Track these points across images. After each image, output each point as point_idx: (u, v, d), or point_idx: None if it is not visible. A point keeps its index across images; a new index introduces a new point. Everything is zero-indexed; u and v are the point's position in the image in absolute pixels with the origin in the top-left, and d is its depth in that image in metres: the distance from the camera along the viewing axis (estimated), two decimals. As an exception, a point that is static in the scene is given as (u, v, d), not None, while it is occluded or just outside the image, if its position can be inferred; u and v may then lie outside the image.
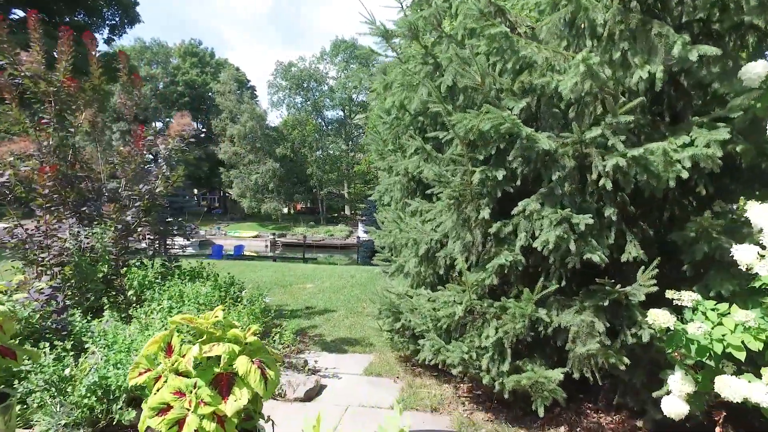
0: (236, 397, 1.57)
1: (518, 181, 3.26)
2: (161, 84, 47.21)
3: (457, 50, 3.41)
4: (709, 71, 2.76)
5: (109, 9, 21.90)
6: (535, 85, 3.21)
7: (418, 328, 3.72)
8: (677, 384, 2.46)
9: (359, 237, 28.65)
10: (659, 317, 2.43)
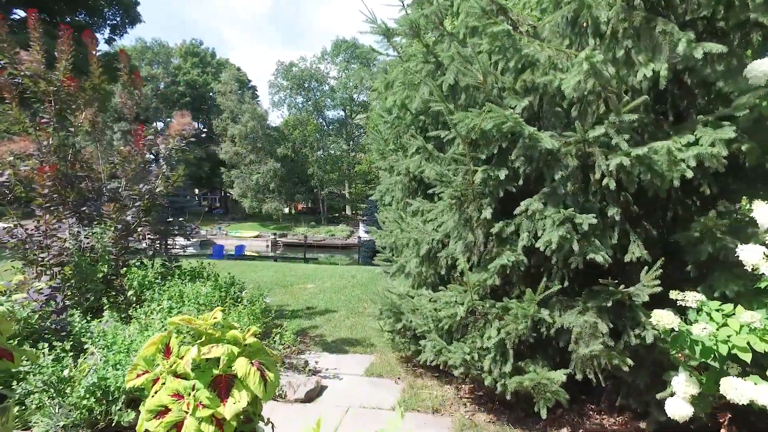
0: (235, 399, 1.55)
1: (520, 181, 3.23)
2: (162, 84, 47.16)
3: (459, 48, 3.38)
4: (714, 69, 2.74)
5: (110, 9, 21.89)
6: (537, 84, 3.19)
7: (420, 328, 3.70)
8: (681, 386, 2.43)
9: (360, 237, 28.62)
10: (663, 318, 2.41)
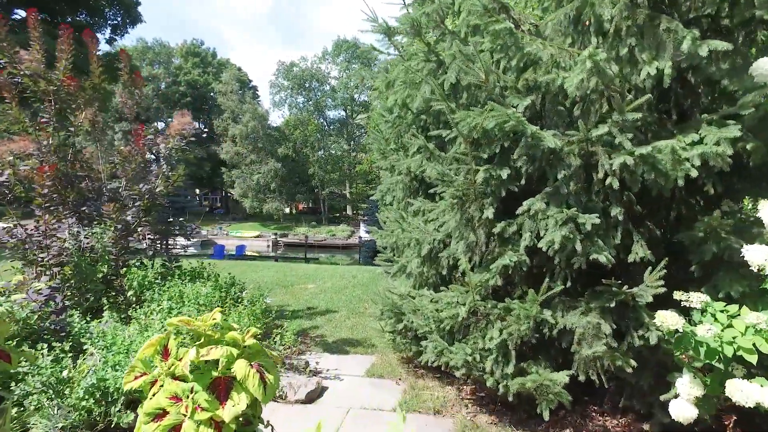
0: (234, 402, 1.52)
1: (523, 180, 3.20)
2: (163, 84, 47.17)
3: (461, 47, 3.36)
4: (718, 68, 2.70)
5: (111, 9, 21.87)
6: (539, 83, 3.16)
7: (421, 329, 3.67)
8: (686, 387, 2.40)
9: (361, 237, 28.60)
10: (668, 319, 2.38)
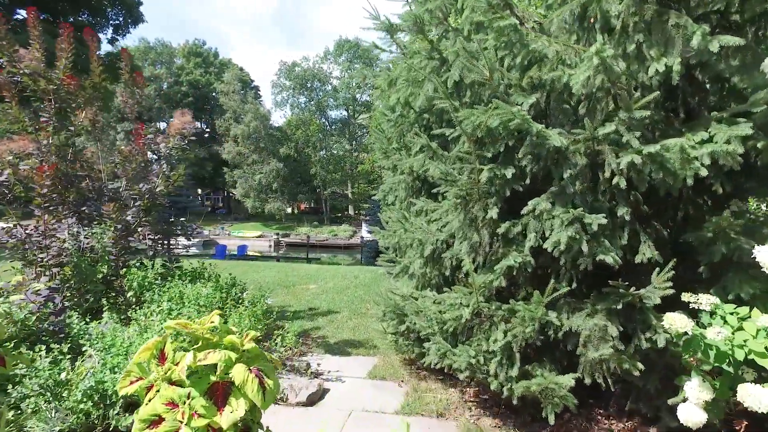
0: (232, 408, 1.47)
1: (528, 180, 3.15)
2: (165, 84, 47.21)
3: (465, 44, 3.30)
4: (728, 64, 2.64)
5: (112, 9, 21.87)
6: (544, 81, 3.10)
7: (424, 330, 3.62)
8: (694, 391, 2.35)
9: (363, 237, 28.51)
10: (676, 321, 2.33)
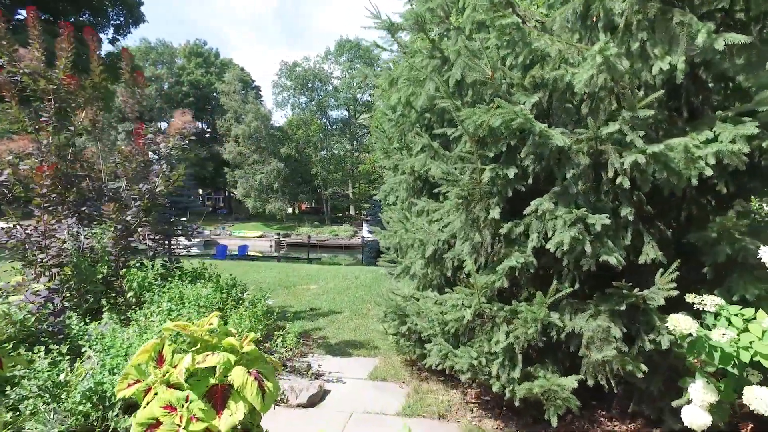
0: (231, 411, 1.45)
1: (530, 180, 3.12)
2: (166, 84, 47.22)
3: (466, 42, 3.28)
4: (733, 63, 2.61)
5: (113, 9, 21.85)
6: (546, 80, 3.08)
7: (425, 332, 3.59)
8: (699, 393, 2.32)
9: (364, 237, 28.48)
10: (681, 323, 2.30)
